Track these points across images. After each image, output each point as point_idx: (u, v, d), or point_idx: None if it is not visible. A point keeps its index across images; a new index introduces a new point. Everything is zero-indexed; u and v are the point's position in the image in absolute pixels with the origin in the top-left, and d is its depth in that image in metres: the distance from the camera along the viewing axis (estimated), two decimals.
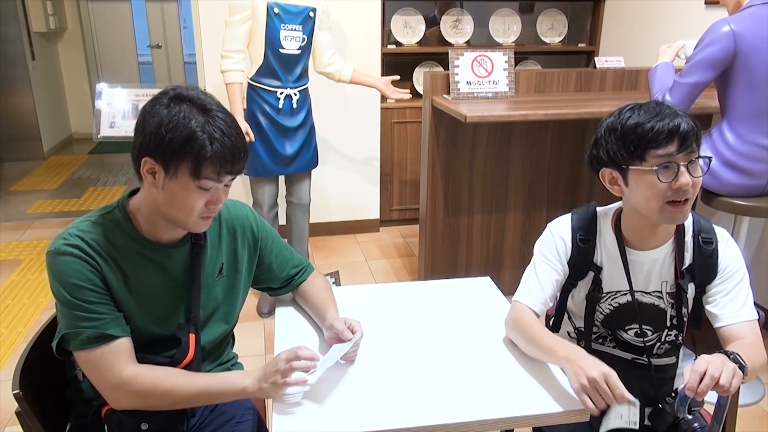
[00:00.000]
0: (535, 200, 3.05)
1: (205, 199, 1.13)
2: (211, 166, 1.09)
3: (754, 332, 1.28)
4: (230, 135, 1.10)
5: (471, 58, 2.74)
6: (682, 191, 1.21)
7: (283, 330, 1.42)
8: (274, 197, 2.89)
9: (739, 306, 1.30)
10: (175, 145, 1.07)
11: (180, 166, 1.09)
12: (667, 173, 1.21)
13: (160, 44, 6.93)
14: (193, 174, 1.09)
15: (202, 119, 1.08)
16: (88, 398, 1.25)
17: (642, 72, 2.98)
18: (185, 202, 1.12)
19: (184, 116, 1.08)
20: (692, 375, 1.07)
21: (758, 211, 2.17)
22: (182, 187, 1.11)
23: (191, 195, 1.11)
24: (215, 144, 1.08)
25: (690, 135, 1.20)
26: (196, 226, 1.17)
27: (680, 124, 1.20)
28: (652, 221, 1.28)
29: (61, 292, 1.12)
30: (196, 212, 1.14)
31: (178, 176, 1.10)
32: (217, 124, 1.09)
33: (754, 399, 2.35)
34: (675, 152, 1.20)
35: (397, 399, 1.17)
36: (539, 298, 1.37)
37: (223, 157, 1.09)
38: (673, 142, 1.20)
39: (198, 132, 1.07)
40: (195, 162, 1.08)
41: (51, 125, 6.11)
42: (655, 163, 1.21)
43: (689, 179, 1.21)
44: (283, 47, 2.63)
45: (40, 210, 4.50)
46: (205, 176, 1.10)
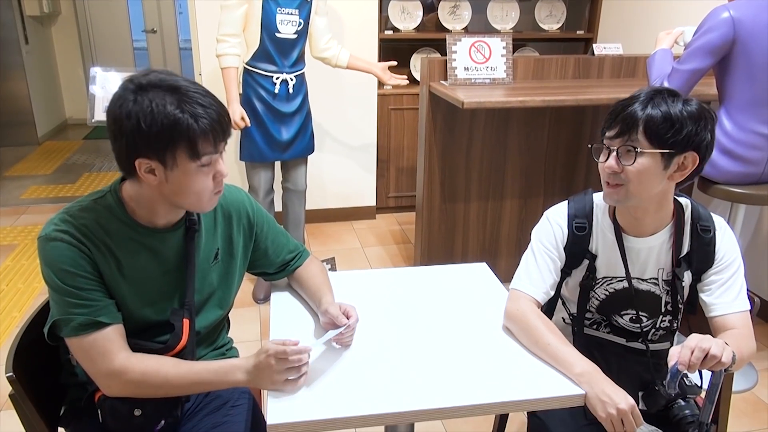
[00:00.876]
0: (531, 187, 3.04)
1: (210, 175, 1.13)
2: (205, 142, 1.08)
3: (745, 323, 1.29)
4: (209, 104, 1.09)
5: (469, 44, 2.72)
6: (608, 174, 1.25)
7: (278, 316, 1.41)
8: (270, 183, 2.88)
9: (733, 296, 1.31)
10: (164, 136, 1.05)
11: (176, 153, 1.07)
12: (598, 153, 1.28)
13: (155, 29, 6.87)
14: (192, 155, 1.08)
15: (176, 100, 1.05)
16: (82, 382, 1.24)
17: (640, 59, 2.97)
18: (194, 186, 1.11)
19: (157, 104, 1.04)
20: (683, 350, 1.09)
21: (755, 198, 2.17)
22: (184, 172, 1.09)
23: (197, 177, 1.11)
24: (201, 120, 1.06)
25: (630, 123, 1.20)
26: (210, 204, 1.18)
27: (631, 111, 1.21)
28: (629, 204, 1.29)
29: (52, 278, 1.11)
30: (208, 191, 1.14)
31: (178, 164, 1.08)
32: (193, 99, 1.07)
33: (748, 386, 2.37)
34: (613, 136, 1.24)
35: (393, 383, 1.17)
36: (541, 288, 1.36)
37: (212, 129, 1.08)
38: (616, 127, 1.23)
39: (179, 115, 1.05)
40: (189, 144, 1.07)
41: (45, 110, 6.06)
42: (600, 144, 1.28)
43: (612, 164, 1.24)
44: (280, 31, 2.60)
45: (34, 195, 4.48)
46: (203, 153, 1.09)
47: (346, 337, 1.27)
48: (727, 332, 1.28)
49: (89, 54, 6.59)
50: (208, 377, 1.15)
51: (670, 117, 1.19)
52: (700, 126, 1.21)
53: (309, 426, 1.08)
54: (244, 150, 2.77)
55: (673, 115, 1.19)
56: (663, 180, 1.25)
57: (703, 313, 1.36)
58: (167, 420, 1.22)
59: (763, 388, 2.36)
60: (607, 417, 1.13)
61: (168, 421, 1.22)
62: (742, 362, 1.22)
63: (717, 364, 1.08)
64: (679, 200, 1.35)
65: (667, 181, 1.26)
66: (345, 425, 1.09)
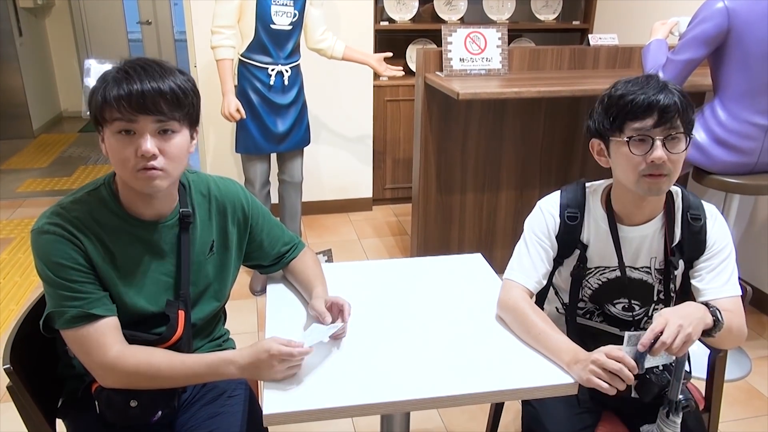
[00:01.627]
0: (527, 178, 3.05)
1: (132, 148, 1.09)
2: (111, 107, 1.07)
3: (736, 307, 1.30)
4: (135, 72, 1.08)
5: (464, 35, 2.71)
6: (656, 165, 1.23)
7: (274, 308, 1.42)
8: (266, 175, 2.88)
9: (724, 281, 1.32)
10: (90, 96, 1.09)
11: (97, 115, 1.10)
12: (642, 146, 1.24)
13: (150, 21, 6.83)
14: (102, 120, 1.09)
15: (118, 68, 1.10)
16: (80, 374, 1.25)
17: (635, 49, 2.97)
18: (115, 155, 1.11)
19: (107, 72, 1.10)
20: (648, 333, 1.11)
21: (749, 188, 2.18)
22: (107, 139, 1.11)
23: (115, 145, 1.10)
24: (119, 85, 1.07)
25: (670, 110, 1.21)
26: (137, 182, 1.12)
27: (661, 98, 1.21)
28: (634, 193, 1.29)
29: (45, 271, 1.12)
30: (129, 165, 1.10)
31: (102, 130, 1.11)
32: (127, 66, 1.10)
33: (741, 374, 2.39)
34: (651, 126, 1.22)
35: (389, 373, 1.18)
36: (533, 277, 1.37)
37: (121, 95, 1.06)
38: (651, 116, 1.22)
39: (106, 78, 1.09)
40: (99, 106, 1.08)
41: (40, 103, 6.03)
42: (631, 135, 1.24)
43: (662, 154, 1.22)
44: (274, 23, 2.59)
45: (30, 189, 4.47)
46: (111, 118, 1.08)
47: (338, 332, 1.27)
48: None
49: (84, 46, 6.55)
50: (200, 370, 1.16)
51: (689, 101, 1.24)
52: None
53: (305, 415, 1.09)
54: (239, 142, 2.77)
55: (686, 98, 1.24)
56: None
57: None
58: (164, 411, 1.22)
59: (756, 377, 2.38)
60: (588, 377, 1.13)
61: (165, 411, 1.23)
62: (730, 335, 1.24)
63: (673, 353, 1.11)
64: (670, 189, 1.36)
65: None
66: (341, 414, 1.10)
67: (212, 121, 3.42)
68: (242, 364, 1.14)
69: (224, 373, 1.16)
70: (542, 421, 1.37)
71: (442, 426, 2.13)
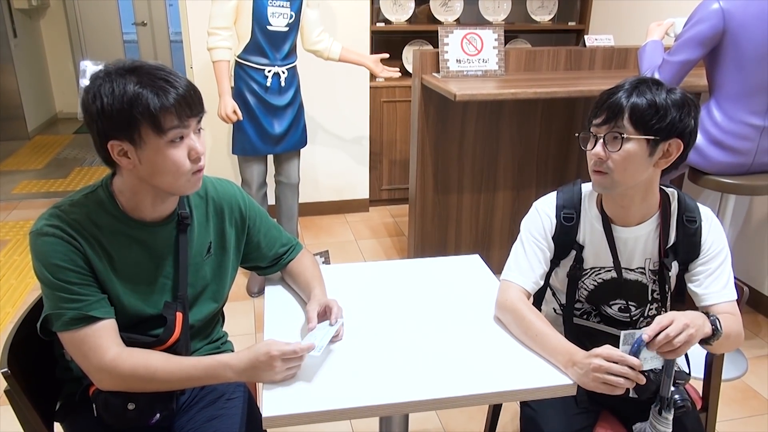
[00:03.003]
0: (524, 179, 3.05)
1: (183, 152, 1.11)
2: (168, 116, 1.07)
3: (733, 311, 1.32)
4: (173, 80, 1.08)
5: (461, 36, 2.72)
6: (595, 161, 1.27)
7: (272, 309, 1.42)
8: (262, 177, 2.88)
9: (722, 286, 1.33)
10: (126, 112, 1.05)
11: (141, 130, 1.07)
12: (588, 142, 1.29)
13: (146, 22, 6.81)
14: (156, 131, 1.07)
15: (135, 78, 1.07)
16: (77, 377, 1.25)
17: (631, 50, 2.98)
18: (167, 164, 1.10)
19: (118, 84, 1.06)
20: (654, 325, 1.12)
21: (744, 188, 2.19)
22: (155, 150, 1.09)
23: (169, 153, 1.10)
24: (161, 93, 1.06)
25: (616, 110, 1.22)
26: (190, 185, 1.16)
27: (617, 98, 1.23)
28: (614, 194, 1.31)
29: (43, 273, 1.11)
30: (184, 170, 1.12)
31: (145, 141, 1.08)
32: (152, 73, 1.08)
33: (738, 374, 2.40)
34: (599, 124, 1.26)
35: (388, 375, 1.18)
36: (530, 278, 1.37)
37: (176, 102, 1.07)
38: (602, 115, 1.25)
39: (139, 89, 1.05)
40: (152, 118, 1.06)
41: (35, 105, 6.01)
42: (587, 132, 1.29)
43: (599, 150, 1.26)
44: (271, 24, 2.59)
45: (25, 190, 4.45)
46: (168, 127, 1.08)
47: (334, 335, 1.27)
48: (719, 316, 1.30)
49: (79, 47, 6.53)
50: (196, 374, 1.16)
51: (654, 104, 1.22)
52: (683, 113, 1.23)
53: (304, 418, 1.09)
54: (236, 144, 2.76)
55: (658, 102, 1.22)
56: (648, 167, 1.26)
57: (691, 301, 1.38)
58: (162, 413, 1.22)
59: (752, 376, 2.39)
60: (589, 381, 1.13)
61: (163, 414, 1.22)
62: (728, 341, 1.25)
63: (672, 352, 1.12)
64: (665, 191, 1.37)
65: (652, 169, 1.27)
66: (340, 417, 1.10)
67: (209, 123, 3.40)
68: (240, 368, 1.14)
69: (221, 377, 1.16)
70: (540, 421, 1.37)
71: (440, 427, 2.13)
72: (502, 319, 1.35)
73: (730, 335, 1.25)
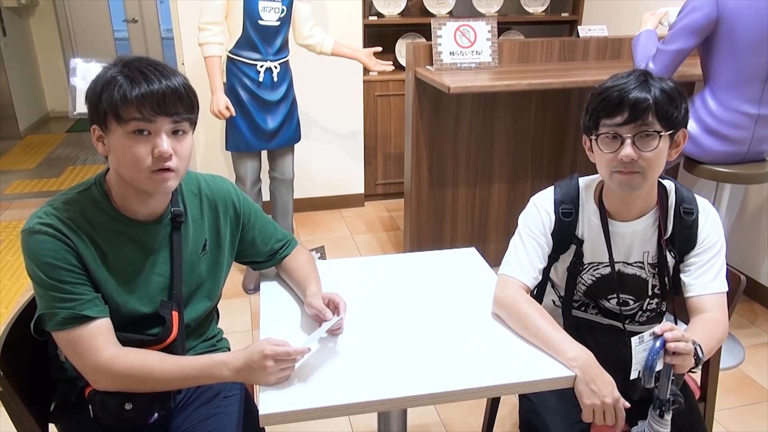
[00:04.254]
0: (519, 172, 3.04)
1: (146, 148, 1.09)
2: (130, 106, 1.06)
3: (720, 306, 1.30)
4: (149, 74, 1.07)
5: (454, 28, 2.70)
6: (624, 163, 1.22)
7: (268, 306, 1.41)
8: (257, 173, 2.86)
9: (711, 278, 1.32)
10: (96, 96, 1.08)
11: (108, 116, 1.07)
12: (611, 144, 1.23)
13: (136, 19, 6.75)
14: (116, 119, 1.07)
15: (120, 67, 1.08)
16: (72, 378, 1.24)
17: (625, 40, 2.97)
18: (127, 155, 1.09)
19: (106, 71, 1.09)
20: (669, 325, 1.11)
21: (739, 177, 2.19)
22: (117, 139, 1.09)
23: (128, 145, 1.08)
24: (133, 84, 1.06)
25: (641, 107, 1.19)
26: (150, 183, 1.11)
27: (635, 95, 1.19)
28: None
29: (36, 272, 1.10)
30: (142, 165, 1.09)
31: (110, 129, 1.09)
32: (134, 65, 1.08)
33: (735, 363, 2.40)
34: (621, 123, 1.21)
35: (385, 370, 1.18)
36: (530, 273, 1.36)
37: (142, 95, 1.06)
38: (623, 113, 1.20)
39: (114, 76, 1.07)
40: (113, 106, 1.06)
41: (26, 104, 5.96)
42: (602, 132, 1.24)
43: (630, 152, 1.21)
44: (262, 18, 2.57)
45: (18, 190, 4.42)
46: (128, 118, 1.07)
47: (335, 327, 1.26)
48: (702, 317, 1.29)
49: (69, 45, 6.48)
50: (193, 373, 1.15)
51: (670, 95, 1.21)
52: (685, 101, 1.24)
53: (302, 415, 1.08)
54: (229, 140, 2.74)
55: (671, 93, 1.21)
56: (665, 160, 1.26)
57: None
58: (160, 412, 1.21)
59: (749, 365, 2.40)
60: (590, 405, 1.15)
61: (161, 413, 1.22)
62: (710, 354, 1.24)
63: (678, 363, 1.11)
64: (663, 183, 1.36)
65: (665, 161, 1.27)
66: (338, 413, 1.10)
67: (202, 119, 3.35)
68: (235, 367, 1.13)
69: (217, 376, 1.15)
70: (540, 413, 1.37)
71: (438, 421, 2.13)
72: (501, 315, 1.34)
73: (712, 348, 1.24)
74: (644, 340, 1.11)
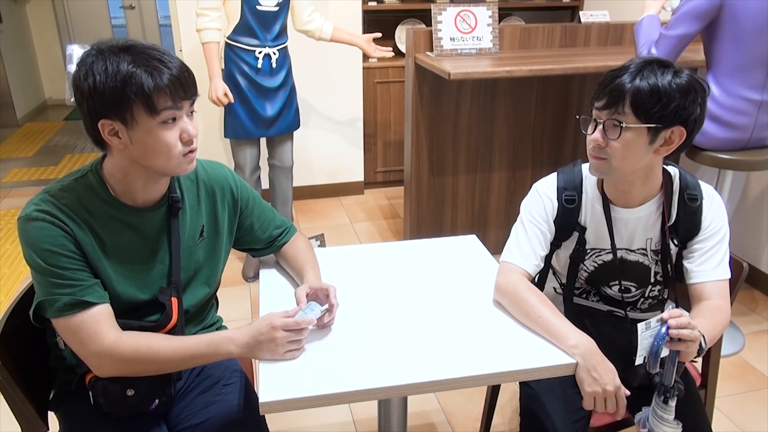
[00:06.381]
0: (519, 159, 3.03)
1: (176, 133, 1.09)
2: (162, 96, 1.05)
3: (722, 293, 1.30)
4: (167, 60, 1.07)
5: (454, 14, 2.67)
6: (593, 146, 1.24)
7: (267, 293, 1.40)
8: (255, 160, 2.84)
9: (714, 265, 1.31)
10: (118, 91, 1.03)
11: (134, 110, 1.05)
12: (588, 125, 1.26)
13: (133, 5, 6.70)
14: (149, 111, 1.05)
15: (129, 57, 1.05)
16: (71, 365, 1.23)
17: (627, 26, 2.94)
18: (158, 145, 1.08)
19: (111, 62, 1.04)
20: (678, 311, 1.11)
21: (742, 164, 2.18)
22: (147, 131, 1.07)
23: (161, 134, 1.08)
24: (155, 73, 1.04)
25: (618, 96, 1.17)
26: (182, 167, 1.14)
27: (620, 82, 1.18)
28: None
29: (34, 259, 1.09)
30: (175, 151, 1.10)
31: (138, 121, 1.06)
32: (146, 53, 1.06)
33: (735, 350, 2.40)
34: (600, 108, 1.22)
35: (385, 358, 1.17)
36: (531, 260, 1.35)
37: (170, 83, 1.05)
38: (604, 98, 1.21)
39: (133, 69, 1.03)
40: (145, 98, 1.04)
41: (23, 91, 5.92)
42: (588, 114, 1.26)
43: (597, 136, 1.22)
44: (261, 4, 2.54)
45: (16, 178, 4.40)
46: (161, 108, 1.06)
47: (326, 320, 1.25)
48: (704, 304, 1.29)
49: (66, 32, 6.42)
50: (200, 350, 1.14)
51: (657, 90, 1.16)
52: (688, 99, 1.17)
53: (302, 403, 1.08)
54: (228, 127, 2.72)
55: (662, 87, 1.16)
56: (648, 154, 1.22)
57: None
58: (161, 399, 1.21)
59: (749, 352, 2.40)
60: (591, 393, 1.15)
61: (162, 399, 1.21)
62: (712, 341, 1.23)
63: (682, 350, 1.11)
64: (667, 170, 1.34)
65: (652, 155, 1.23)
66: (338, 400, 1.09)
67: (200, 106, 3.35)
68: (242, 341, 1.14)
69: (224, 352, 1.15)
70: (540, 401, 1.37)
71: (439, 408, 2.13)
72: (502, 302, 1.33)
73: (714, 336, 1.23)
74: (651, 326, 1.11)
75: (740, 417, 2.07)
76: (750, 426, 2.03)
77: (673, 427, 1.14)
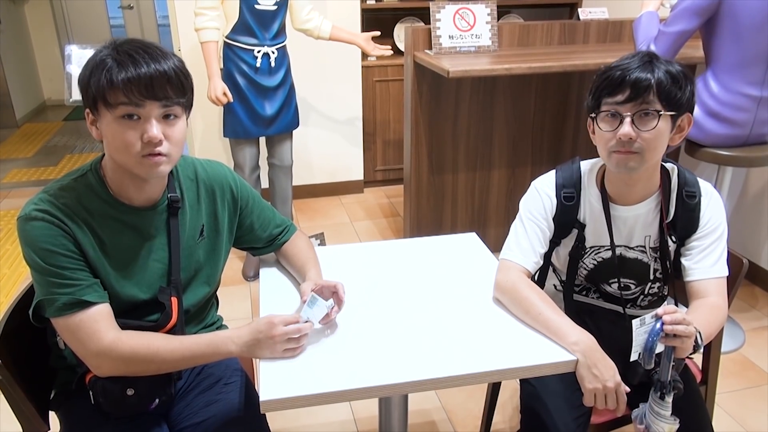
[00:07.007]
0: (519, 156, 3.03)
1: (136, 133, 1.07)
2: (117, 90, 1.04)
3: (720, 290, 1.30)
4: (138, 58, 1.05)
5: (453, 12, 2.67)
6: (623, 142, 1.20)
7: (267, 292, 1.40)
8: (255, 159, 2.84)
9: (712, 262, 1.31)
10: (86, 80, 1.06)
11: (97, 101, 1.06)
12: (611, 122, 1.22)
13: (132, 5, 6.69)
14: (105, 104, 1.06)
15: (110, 50, 1.06)
16: (71, 365, 1.23)
17: (626, 23, 2.94)
18: (116, 140, 1.08)
19: (97, 54, 1.07)
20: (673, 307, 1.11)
21: (741, 160, 2.18)
22: (107, 124, 1.08)
23: (118, 130, 1.07)
24: (120, 68, 1.04)
25: (641, 86, 1.17)
26: (141, 168, 1.10)
27: (637, 74, 1.18)
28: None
29: (33, 259, 1.09)
30: (133, 150, 1.08)
31: (100, 113, 1.08)
32: (124, 48, 1.06)
33: (735, 346, 2.41)
34: (622, 101, 1.20)
35: (386, 356, 1.17)
36: (531, 257, 1.35)
37: (129, 78, 1.04)
38: (623, 91, 1.19)
39: (104, 59, 1.05)
40: (100, 91, 1.05)
41: (22, 92, 5.92)
42: (603, 110, 1.23)
43: (629, 130, 1.19)
44: (259, 3, 2.54)
45: (15, 179, 4.40)
46: (115, 102, 1.05)
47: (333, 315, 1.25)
48: (701, 302, 1.29)
49: (65, 32, 6.42)
50: (199, 350, 1.15)
51: (676, 77, 1.19)
52: (692, 85, 1.23)
53: (303, 401, 1.08)
54: (227, 126, 2.72)
55: (676, 74, 1.19)
56: (667, 143, 1.24)
57: None
58: (161, 398, 1.21)
59: (749, 348, 2.40)
60: (591, 390, 1.15)
61: (162, 399, 1.21)
62: (709, 338, 1.23)
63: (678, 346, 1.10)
64: (665, 166, 1.34)
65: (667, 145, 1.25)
66: (339, 398, 1.09)
67: (199, 106, 3.36)
68: (242, 340, 1.14)
69: (223, 351, 1.15)
70: (541, 398, 1.37)
71: (439, 405, 2.13)
72: (502, 299, 1.33)
73: (711, 333, 1.24)
74: (645, 322, 1.11)
75: (741, 413, 2.07)
76: (750, 422, 2.04)
77: (670, 423, 1.14)
